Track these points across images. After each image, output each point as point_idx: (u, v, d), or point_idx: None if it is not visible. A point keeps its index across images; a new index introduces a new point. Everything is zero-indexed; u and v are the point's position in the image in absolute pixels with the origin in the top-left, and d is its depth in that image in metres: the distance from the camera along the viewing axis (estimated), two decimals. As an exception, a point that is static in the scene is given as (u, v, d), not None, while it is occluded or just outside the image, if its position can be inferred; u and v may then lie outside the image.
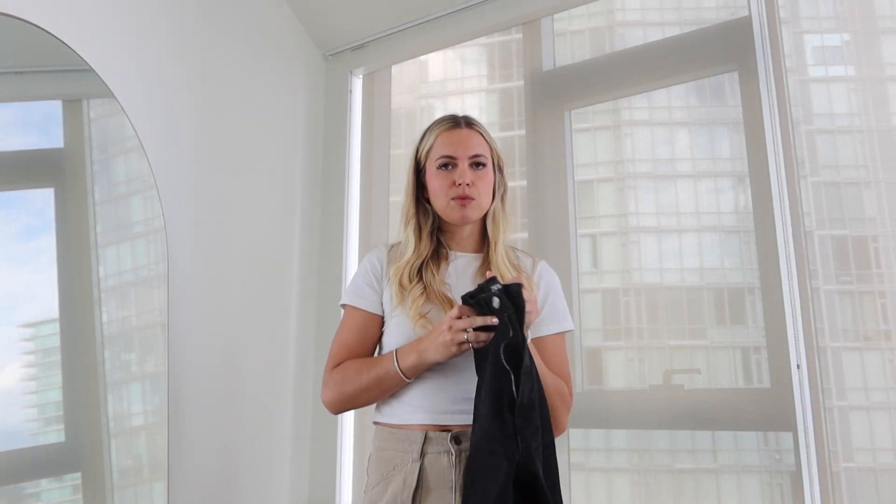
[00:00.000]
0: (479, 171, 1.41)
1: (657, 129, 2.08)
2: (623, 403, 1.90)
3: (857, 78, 1.80)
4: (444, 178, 1.40)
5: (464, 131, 1.43)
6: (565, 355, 1.41)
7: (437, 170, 1.41)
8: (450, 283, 1.39)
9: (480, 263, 1.42)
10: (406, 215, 1.45)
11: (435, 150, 1.43)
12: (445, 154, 1.41)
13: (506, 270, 1.38)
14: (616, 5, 2.20)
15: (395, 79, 2.52)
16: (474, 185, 1.38)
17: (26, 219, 1.59)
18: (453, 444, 1.27)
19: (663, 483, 1.86)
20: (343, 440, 2.24)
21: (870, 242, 1.67)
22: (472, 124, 1.45)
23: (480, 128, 1.46)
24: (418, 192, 1.45)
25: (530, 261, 1.46)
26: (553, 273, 1.47)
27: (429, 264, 1.40)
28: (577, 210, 2.05)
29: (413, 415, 1.32)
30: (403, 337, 1.35)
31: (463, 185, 1.37)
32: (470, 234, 1.45)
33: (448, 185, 1.39)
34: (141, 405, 1.79)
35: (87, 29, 1.69)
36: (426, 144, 1.45)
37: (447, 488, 1.25)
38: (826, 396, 1.60)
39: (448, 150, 1.41)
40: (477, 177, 1.40)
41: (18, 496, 1.50)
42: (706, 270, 1.91)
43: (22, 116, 1.64)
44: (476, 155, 1.41)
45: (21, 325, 1.52)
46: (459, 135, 1.42)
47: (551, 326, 1.40)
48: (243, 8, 2.22)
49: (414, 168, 1.47)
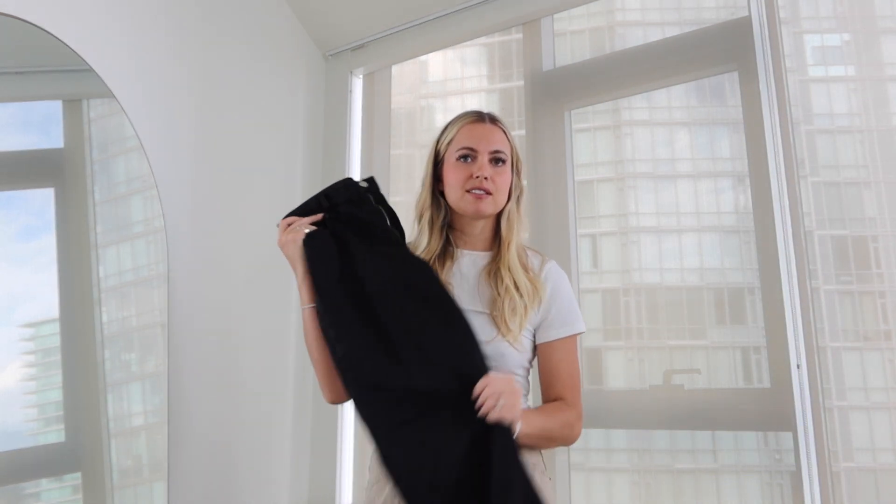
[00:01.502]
0: (498, 168, 1.40)
1: (657, 129, 2.08)
2: (623, 403, 1.90)
3: (857, 78, 1.80)
4: (463, 169, 1.38)
5: (487, 126, 1.42)
6: (573, 361, 1.37)
7: (455, 161, 1.40)
8: (453, 283, 1.38)
9: (489, 262, 1.41)
10: (421, 207, 1.44)
11: (456, 141, 1.41)
12: (466, 146, 1.39)
13: (517, 271, 1.36)
14: (616, 5, 2.20)
15: (395, 79, 2.52)
16: (492, 179, 1.37)
17: (26, 219, 1.59)
18: None
19: (663, 483, 1.86)
20: (343, 440, 2.24)
21: (870, 242, 1.67)
22: (496, 121, 1.45)
23: (504, 126, 1.45)
24: (434, 184, 1.44)
25: (539, 260, 1.43)
26: (561, 274, 1.43)
27: (435, 262, 1.39)
28: (577, 210, 2.04)
29: None
30: None
31: (481, 178, 1.36)
32: (481, 231, 1.43)
33: (465, 177, 1.38)
34: (141, 405, 1.79)
35: (87, 29, 1.69)
36: (448, 136, 1.44)
37: None
38: (826, 396, 1.60)
39: (469, 142, 1.40)
40: (496, 172, 1.39)
41: (18, 496, 1.50)
42: (706, 270, 1.91)
43: (22, 116, 1.64)
44: (497, 150, 1.40)
45: (21, 325, 1.52)
46: (483, 129, 1.42)
47: (559, 331, 1.36)
48: (243, 8, 2.22)
49: (433, 159, 1.45)
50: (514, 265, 1.37)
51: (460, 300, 1.33)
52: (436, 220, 1.42)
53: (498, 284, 1.35)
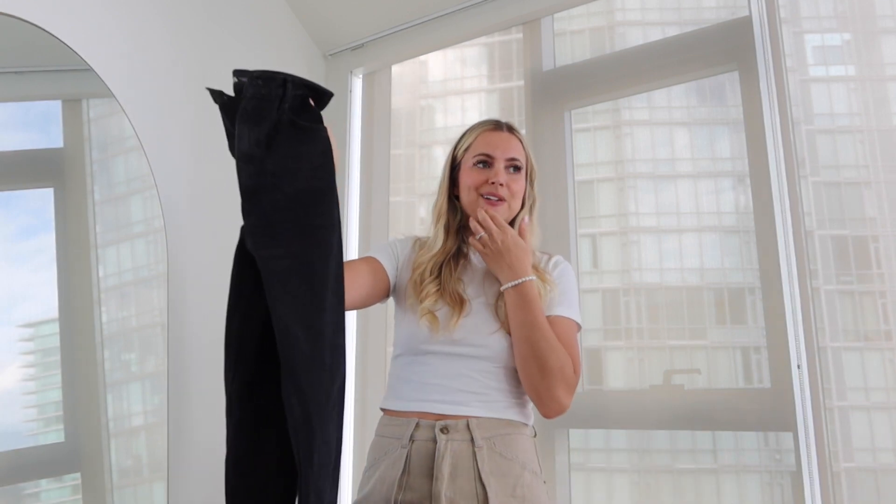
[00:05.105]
0: (514, 175, 1.43)
1: (657, 129, 2.08)
2: (623, 403, 1.90)
3: (858, 78, 1.80)
4: (478, 174, 1.42)
5: (504, 134, 1.46)
6: (572, 339, 1.36)
7: (472, 167, 1.44)
8: (464, 281, 1.41)
9: None
10: (438, 211, 1.47)
11: (473, 148, 1.45)
12: (483, 152, 1.43)
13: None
14: (616, 5, 2.20)
15: (395, 79, 2.52)
16: (507, 186, 1.41)
17: (26, 218, 1.59)
18: (441, 433, 1.27)
19: (663, 483, 1.86)
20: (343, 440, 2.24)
21: (870, 242, 1.67)
22: (514, 130, 1.49)
23: (520, 135, 1.49)
24: (451, 189, 1.48)
25: (546, 257, 1.48)
26: (568, 267, 1.48)
27: (449, 262, 1.43)
28: (577, 210, 2.04)
29: (407, 402, 1.34)
30: (409, 332, 1.38)
31: (497, 184, 1.39)
32: None
33: (480, 182, 1.41)
34: (141, 405, 1.79)
35: (87, 29, 1.69)
36: (465, 142, 1.47)
37: (426, 476, 1.25)
38: (826, 396, 1.60)
39: (486, 149, 1.43)
40: (511, 179, 1.42)
41: (18, 496, 1.49)
42: (706, 270, 1.91)
43: (22, 116, 1.64)
44: (513, 158, 1.43)
45: (21, 324, 1.52)
46: (500, 136, 1.45)
47: (559, 309, 1.38)
48: (243, 8, 2.22)
49: (450, 165, 1.49)
50: None
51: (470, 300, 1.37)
52: (451, 224, 1.46)
53: None
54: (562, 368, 1.29)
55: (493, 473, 1.26)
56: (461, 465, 1.25)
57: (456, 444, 1.26)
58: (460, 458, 1.26)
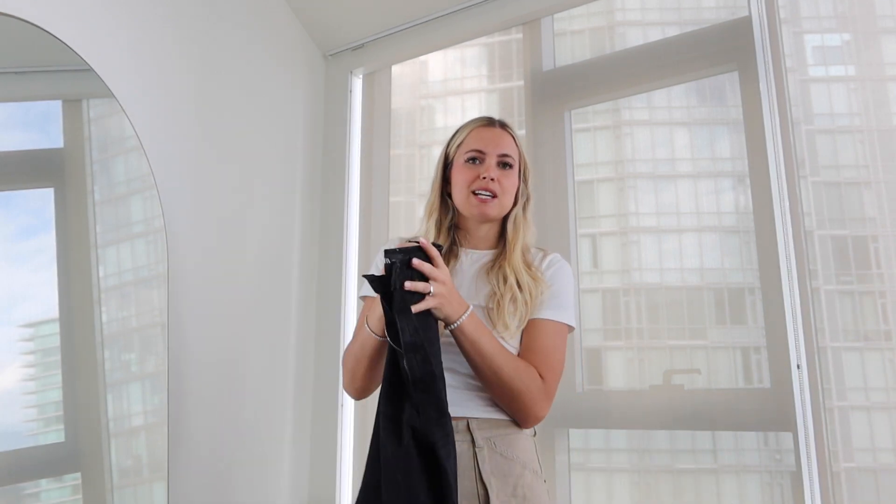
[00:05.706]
0: (505, 171, 1.43)
1: (657, 129, 2.08)
2: (623, 403, 1.90)
3: (857, 78, 1.80)
4: (470, 171, 1.42)
5: (497, 130, 1.46)
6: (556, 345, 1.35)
7: (464, 163, 1.43)
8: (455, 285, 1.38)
9: (491, 259, 1.42)
10: (430, 208, 1.47)
11: (465, 144, 1.45)
12: (475, 148, 1.43)
13: (520, 269, 1.37)
14: (616, 5, 2.20)
15: (395, 79, 2.52)
16: (498, 181, 1.40)
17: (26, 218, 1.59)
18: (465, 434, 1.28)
19: (663, 483, 1.86)
20: (343, 440, 2.24)
21: (870, 242, 1.67)
22: (506, 126, 1.48)
23: (513, 132, 1.48)
24: (443, 186, 1.48)
25: (541, 254, 1.45)
26: (564, 266, 1.43)
27: None
28: (577, 210, 2.04)
29: None
30: None
31: (487, 179, 1.39)
32: (486, 234, 1.45)
33: (472, 178, 1.40)
34: (141, 405, 1.79)
35: (87, 29, 1.69)
36: (457, 140, 1.47)
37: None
38: (826, 396, 1.60)
39: (478, 145, 1.43)
40: (502, 175, 1.41)
41: (18, 496, 1.49)
42: (706, 270, 1.91)
43: (22, 116, 1.64)
44: (505, 154, 1.43)
45: (21, 324, 1.52)
46: (492, 133, 1.45)
47: (546, 312, 1.36)
48: (243, 8, 2.22)
49: (442, 162, 1.49)
50: (517, 264, 1.38)
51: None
52: (443, 221, 1.45)
53: (499, 280, 1.36)
54: (528, 388, 1.28)
55: (494, 473, 1.26)
56: (462, 465, 1.25)
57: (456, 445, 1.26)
58: (461, 458, 1.25)
